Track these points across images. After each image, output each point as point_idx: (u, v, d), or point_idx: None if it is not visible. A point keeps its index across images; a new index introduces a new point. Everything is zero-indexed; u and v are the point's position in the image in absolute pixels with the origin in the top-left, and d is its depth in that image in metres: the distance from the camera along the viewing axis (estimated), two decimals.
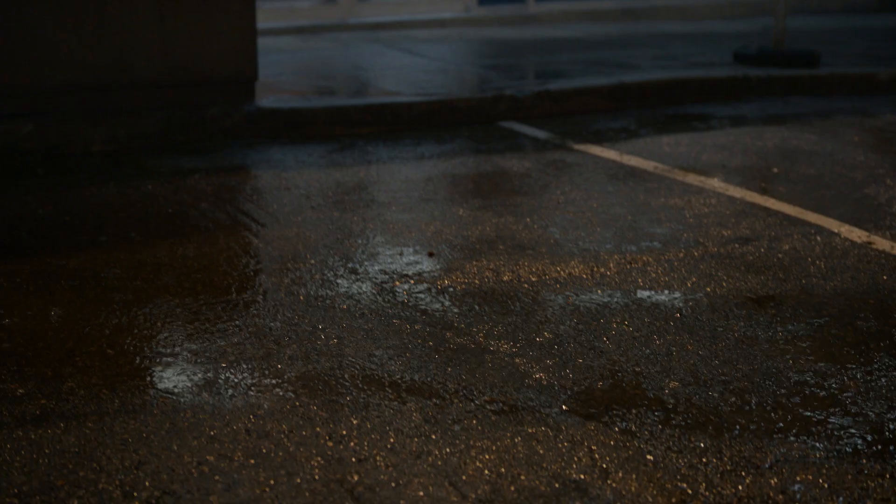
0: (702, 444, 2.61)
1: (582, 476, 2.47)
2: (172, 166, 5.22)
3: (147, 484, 2.42)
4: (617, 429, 2.69)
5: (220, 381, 2.93)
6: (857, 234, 4.24)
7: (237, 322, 3.34)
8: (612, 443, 2.62)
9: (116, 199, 4.68)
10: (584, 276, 3.78)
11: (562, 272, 3.81)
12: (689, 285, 3.69)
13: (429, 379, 2.96)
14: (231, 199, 4.70)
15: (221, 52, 5.90)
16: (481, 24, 9.61)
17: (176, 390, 2.88)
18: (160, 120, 5.69)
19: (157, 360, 3.07)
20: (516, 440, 2.63)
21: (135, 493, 2.38)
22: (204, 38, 5.84)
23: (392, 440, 2.62)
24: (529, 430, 2.67)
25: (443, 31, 9.27)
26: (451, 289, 3.64)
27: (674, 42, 8.73)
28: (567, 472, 2.49)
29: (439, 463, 2.52)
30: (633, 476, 2.47)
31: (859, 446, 2.61)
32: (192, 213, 4.47)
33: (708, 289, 3.66)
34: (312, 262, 3.91)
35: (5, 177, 5.05)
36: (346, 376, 2.97)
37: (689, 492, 2.41)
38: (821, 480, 2.45)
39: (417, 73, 7.12)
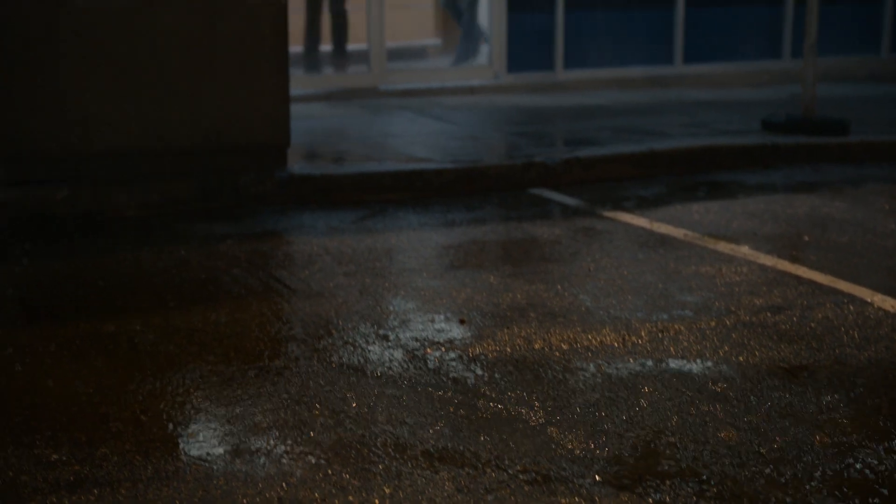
0: None
1: None
2: (205, 232, 5.27)
3: None
4: (651, 500, 2.67)
5: (252, 448, 2.94)
6: (890, 304, 4.22)
7: (269, 389, 3.35)
8: None
9: (150, 265, 4.73)
10: (616, 344, 3.77)
11: (593, 340, 3.81)
12: (721, 354, 3.68)
13: (461, 447, 2.95)
14: (263, 264, 4.73)
15: (254, 119, 5.98)
16: (510, 90, 9.69)
17: (208, 457, 2.88)
18: (193, 186, 5.75)
19: (190, 427, 3.08)
20: None
21: None
22: (237, 105, 5.92)
23: None
24: (563, 501, 2.66)
25: (472, 97, 9.35)
26: (483, 356, 3.64)
27: (702, 109, 8.77)
28: None
29: None
30: None
31: None
32: (225, 279, 4.51)
33: (741, 358, 3.64)
34: (344, 328, 3.92)
35: (41, 241, 5.11)
36: (378, 444, 2.97)
37: None
38: None
39: (447, 140, 7.17)
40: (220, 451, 2.92)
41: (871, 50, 11.17)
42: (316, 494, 2.68)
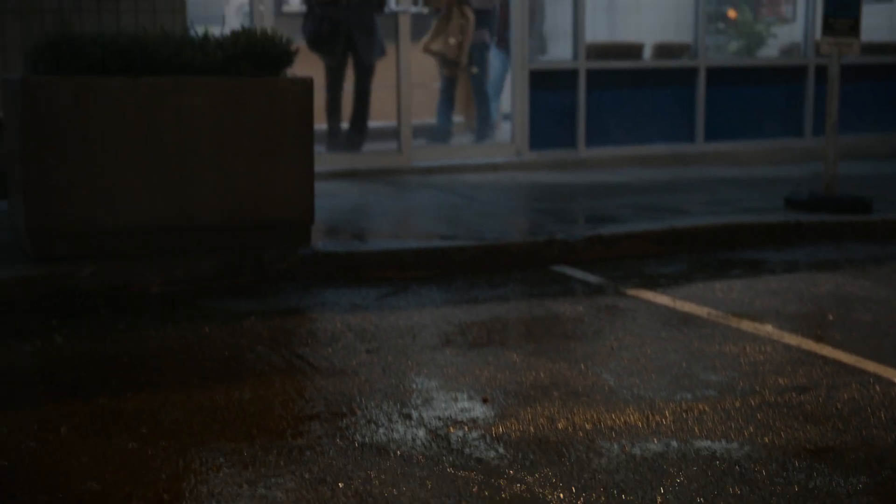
0: None
1: None
2: (229, 308, 5.30)
3: None
4: None
5: None
6: None
7: (292, 468, 3.35)
8: None
9: (174, 341, 4.75)
10: (640, 424, 3.75)
11: (617, 420, 3.79)
12: (746, 435, 3.65)
13: None
14: (286, 342, 4.74)
15: (279, 196, 6.03)
16: (532, 168, 9.75)
17: None
18: (218, 262, 5.80)
19: None
20: None
21: None
22: (263, 182, 5.98)
23: None
24: None
25: (495, 175, 9.42)
26: (506, 436, 3.63)
27: (724, 187, 8.80)
28: None
29: None
30: None
31: None
32: (248, 356, 4.52)
33: (766, 439, 3.61)
34: (367, 406, 3.92)
35: (67, 317, 5.14)
36: None
37: None
38: None
39: (470, 217, 7.21)
40: None
41: (892, 128, 11.21)
42: None
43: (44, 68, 5.71)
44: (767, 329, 4.99)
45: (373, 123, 9.75)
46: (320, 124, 9.08)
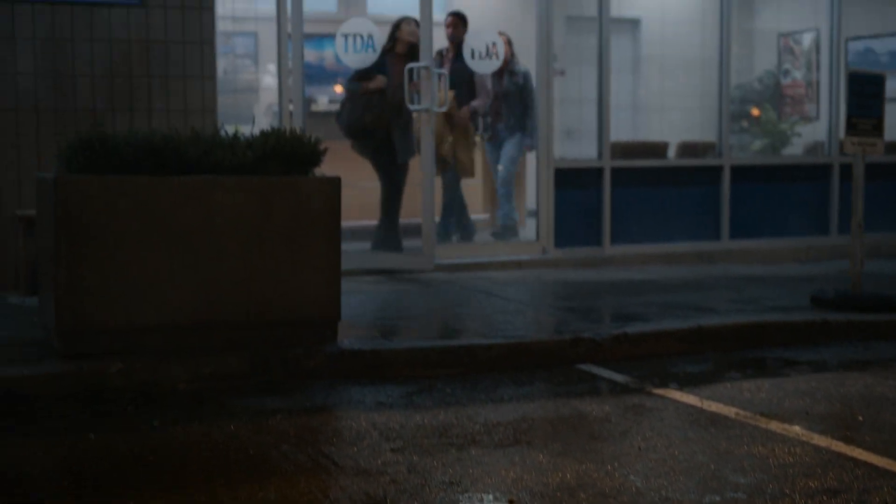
0: None
1: None
2: (255, 406, 5.30)
3: None
4: None
5: None
6: None
7: None
8: None
9: (199, 439, 4.75)
10: None
11: None
12: None
13: None
14: (312, 440, 4.73)
15: (305, 293, 6.07)
16: (558, 265, 9.78)
17: None
18: (244, 359, 5.82)
19: None
20: None
21: None
22: (289, 280, 6.03)
23: None
24: None
25: (520, 272, 9.45)
26: None
27: (750, 285, 8.79)
28: None
29: None
30: None
31: None
32: (274, 455, 4.51)
33: None
34: None
35: (94, 414, 5.16)
36: None
37: None
38: None
39: (495, 315, 7.22)
40: None
41: None
42: None
43: (77, 167, 5.81)
44: (796, 430, 4.94)
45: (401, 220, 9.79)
46: (348, 220, 9.14)
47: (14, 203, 7.96)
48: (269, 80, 9.49)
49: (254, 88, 9.61)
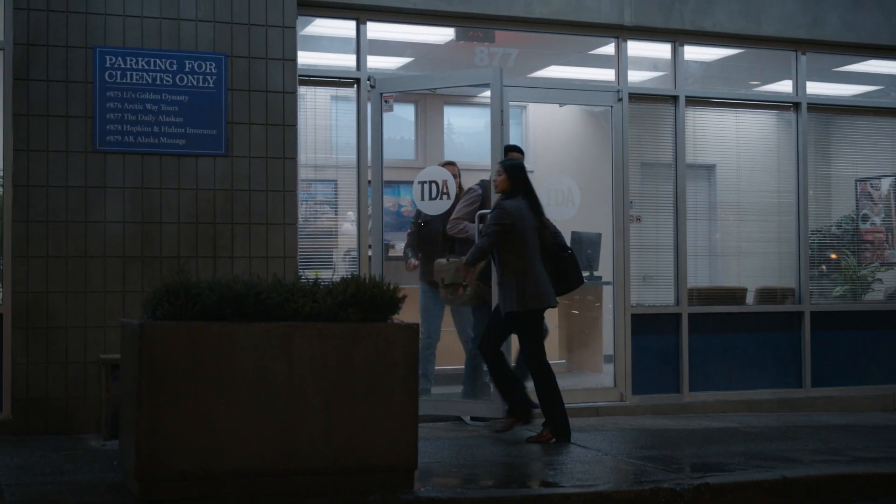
0: None
1: None
2: None
3: None
4: None
5: None
6: None
7: None
8: None
9: None
10: None
11: None
12: None
13: None
14: None
15: (382, 440, 6.05)
16: (636, 412, 9.66)
17: None
18: None
19: None
20: None
21: None
22: (367, 426, 6.02)
23: None
24: None
25: (597, 419, 9.34)
26: None
27: (834, 434, 8.57)
28: None
29: None
30: None
31: None
32: None
33: None
34: None
35: None
36: None
37: None
38: None
39: (574, 463, 7.12)
40: None
41: None
42: None
43: (162, 314, 5.93)
44: None
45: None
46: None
47: (99, 347, 8.12)
48: (347, 225, 9.65)
49: (333, 234, 9.76)
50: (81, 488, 6.07)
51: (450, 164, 9.32)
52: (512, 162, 8.31)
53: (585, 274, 10.00)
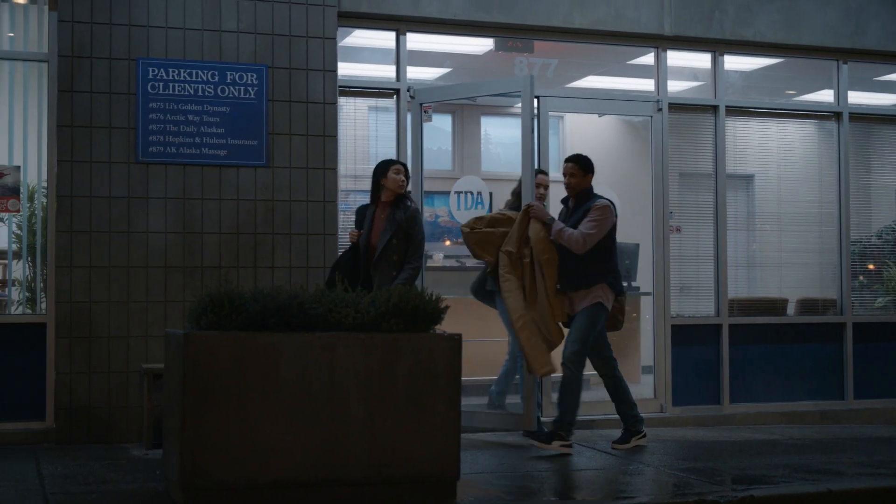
0: None
1: None
2: None
3: None
4: None
5: None
6: None
7: None
8: None
9: None
10: None
11: None
12: None
13: None
14: None
15: (425, 451, 6.05)
16: (675, 423, 9.60)
17: None
18: None
19: None
20: None
21: None
22: (409, 437, 6.02)
23: None
24: None
25: None
26: None
27: (879, 446, 8.48)
28: None
29: None
30: None
31: None
32: None
33: None
34: None
35: None
36: None
37: None
38: None
39: (616, 475, 7.08)
40: None
41: None
42: None
43: (206, 323, 5.95)
44: None
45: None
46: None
47: (141, 357, 8.17)
48: None
49: None
50: (125, 497, 6.11)
51: (541, 173, 8.97)
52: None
53: (623, 284, 9.94)
